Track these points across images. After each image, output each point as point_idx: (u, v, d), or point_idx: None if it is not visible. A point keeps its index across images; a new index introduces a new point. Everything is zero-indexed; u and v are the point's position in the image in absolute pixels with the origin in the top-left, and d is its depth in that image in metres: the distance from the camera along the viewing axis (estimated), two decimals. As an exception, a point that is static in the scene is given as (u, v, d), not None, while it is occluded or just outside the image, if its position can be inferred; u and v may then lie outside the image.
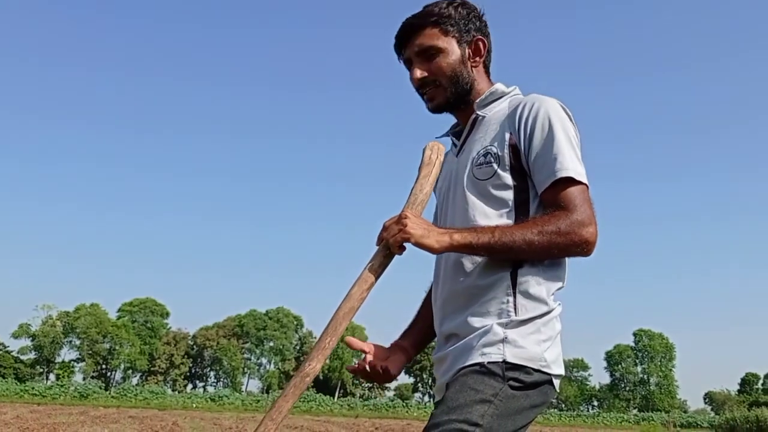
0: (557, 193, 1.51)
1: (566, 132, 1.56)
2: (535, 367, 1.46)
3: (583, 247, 1.48)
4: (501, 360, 1.44)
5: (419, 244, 1.48)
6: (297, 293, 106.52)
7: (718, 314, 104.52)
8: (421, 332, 1.81)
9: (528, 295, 1.51)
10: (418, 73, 1.68)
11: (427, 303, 1.82)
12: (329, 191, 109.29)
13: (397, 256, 1.53)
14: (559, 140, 1.54)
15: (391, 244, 1.50)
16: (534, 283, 1.51)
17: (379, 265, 1.51)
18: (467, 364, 1.47)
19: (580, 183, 1.51)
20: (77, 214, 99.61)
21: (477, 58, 1.73)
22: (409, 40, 1.70)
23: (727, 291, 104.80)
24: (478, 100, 1.70)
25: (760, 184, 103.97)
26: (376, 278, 1.51)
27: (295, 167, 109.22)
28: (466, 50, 1.70)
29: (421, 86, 1.70)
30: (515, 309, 1.49)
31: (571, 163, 1.52)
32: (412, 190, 1.64)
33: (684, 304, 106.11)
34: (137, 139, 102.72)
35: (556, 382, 1.52)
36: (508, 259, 1.51)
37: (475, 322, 1.51)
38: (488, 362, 1.44)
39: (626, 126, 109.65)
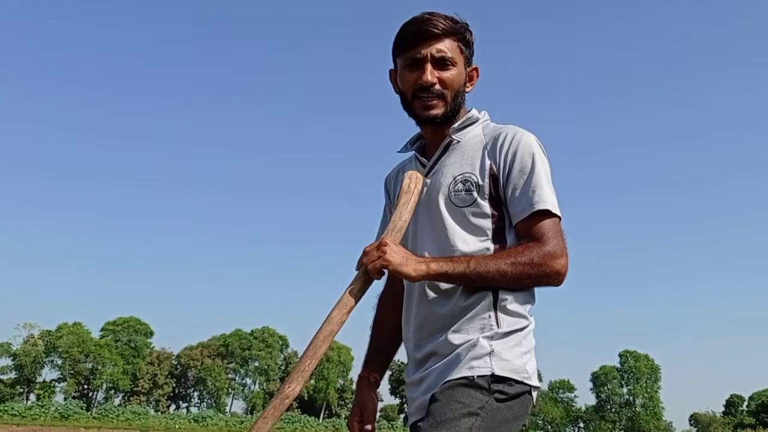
0: (532, 225, 1.57)
1: (544, 167, 1.63)
2: (518, 379, 1.52)
3: (554, 278, 1.55)
4: (489, 373, 1.49)
5: (397, 272, 1.53)
6: (282, 313, 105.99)
7: (704, 336, 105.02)
8: (386, 360, 1.87)
9: (508, 311, 1.57)
10: (431, 76, 1.66)
11: (383, 326, 1.87)
12: (315, 211, 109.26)
13: (375, 281, 1.58)
14: (538, 174, 1.60)
15: (369, 270, 1.54)
16: (512, 300, 1.58)
17: (358, 290, 1.55)
18: (454, 377, 1.51)
19: (554, 216, 1.58)
20: (60, 232, 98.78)
21: (470, 85, 1.77)
22: (428, 40, 1.66)
23: (712, 313, 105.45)
24: (455, 125, 1.72)
25: (746, 205, 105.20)
26: (356, 302, 1.55)
27: (282, 186, 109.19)
28: (467, 75, 1.74)
29: (424, 89, 1.67)
30: (497, 323, 1.55)
31: (547, 196, 1.59)
32: (391, 217, 1.67)
33: (669, 325, 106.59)
34: (122, 156, 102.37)
35: (534, 394, 1.57)
36: None
37: (457, 338, 1.55)
38: (477, 376, 1.49)
39: (611, 145, 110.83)
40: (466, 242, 1.61)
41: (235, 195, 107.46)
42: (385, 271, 1.55)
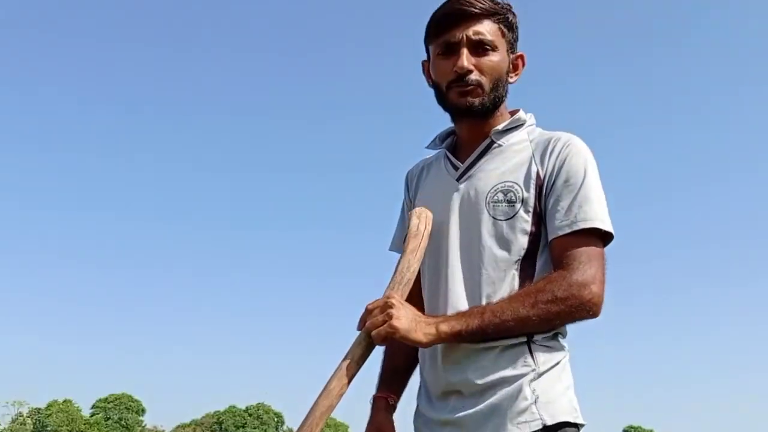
0: (568, 246, 1.39)
1: (597, 180, 1.45)
2: (572, 421, 1.35)
3: (586, 310, 1.35)
4: (540, 427, 1.32)
5: (406, 339, 1.32)
6: (278, 388, 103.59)
7: (712, 413, 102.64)
8: (403, 382, 1.63)
9: (544, 347, 1.40)
10: (467, 62, 1.45)
11: (398, 346, 1.57)
12: (309, 282, 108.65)
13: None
14: (588, 186, 1.41)
15: (374, 336, 1.33)
16: (547, 333, 1.41)
17: (360, 357, 1.35)
18: None
19: (596, 237, 1.39)
20: (49, 306, 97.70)
21: (514, 75, 1.57)
22: (464, 22, 1.46)
23: (720, 389, 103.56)
24: (500, 126, 1.52)
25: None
26: (357, 370, 1.35)
27: (275, 258, 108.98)
28: (510, 62, 1.54)
29: (460, 78, 1.46)
30: (533, 359, 1.37)
31: (596, 213, 1.40)
32: (397, 266, 1.46)
33: (676, 401, 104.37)
34: (115, 230, 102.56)
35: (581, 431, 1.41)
36: None
37: (487, 377, 1.37)
38: None
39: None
40: (497, 266, 1.41)
41: (228, 267, 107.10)
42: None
